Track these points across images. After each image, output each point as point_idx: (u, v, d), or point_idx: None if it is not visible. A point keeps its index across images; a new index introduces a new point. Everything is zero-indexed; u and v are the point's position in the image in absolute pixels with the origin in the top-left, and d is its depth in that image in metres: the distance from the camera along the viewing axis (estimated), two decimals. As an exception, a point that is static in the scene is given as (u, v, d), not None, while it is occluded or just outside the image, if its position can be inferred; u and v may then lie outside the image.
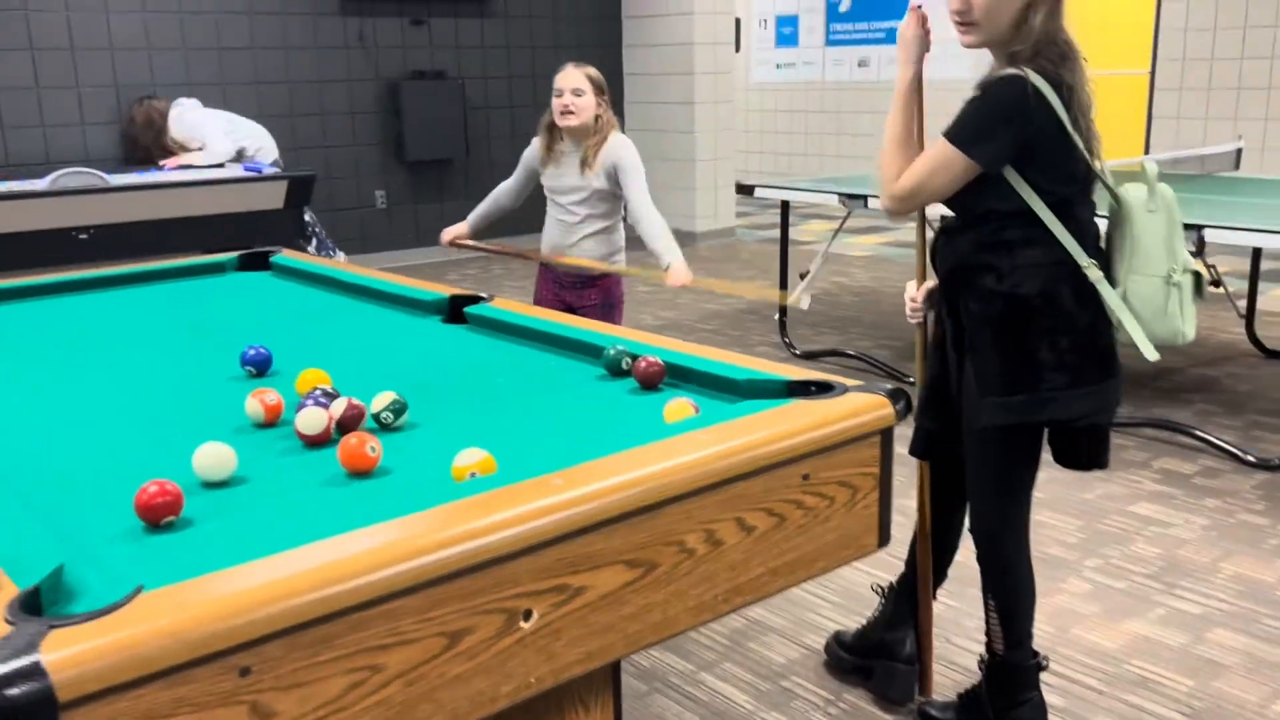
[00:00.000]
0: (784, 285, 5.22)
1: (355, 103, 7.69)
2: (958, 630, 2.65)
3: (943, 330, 2.16)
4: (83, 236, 5.31)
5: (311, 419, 1.69)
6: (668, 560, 1.49)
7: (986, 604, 2.21)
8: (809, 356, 5.16)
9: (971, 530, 2.21)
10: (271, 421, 1.80)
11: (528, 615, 1.35)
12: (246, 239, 4.93)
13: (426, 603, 1.25)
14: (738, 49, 8.90)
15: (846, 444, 1.67)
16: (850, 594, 2.81)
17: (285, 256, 3.22)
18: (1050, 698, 2.38)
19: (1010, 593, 2.17)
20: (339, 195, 7.70)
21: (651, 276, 3.36)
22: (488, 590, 1.30)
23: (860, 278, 7.00)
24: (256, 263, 3.23)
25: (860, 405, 1.69)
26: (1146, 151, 8.69)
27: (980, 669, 2.26)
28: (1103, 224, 2.07)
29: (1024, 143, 1.93)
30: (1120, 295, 1.97)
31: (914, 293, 2.22)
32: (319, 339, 2.41)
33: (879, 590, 2.50)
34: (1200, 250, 3.73)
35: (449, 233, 3.74)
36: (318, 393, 1.80)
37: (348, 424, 1.73)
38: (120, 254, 4.97)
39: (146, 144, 6.21)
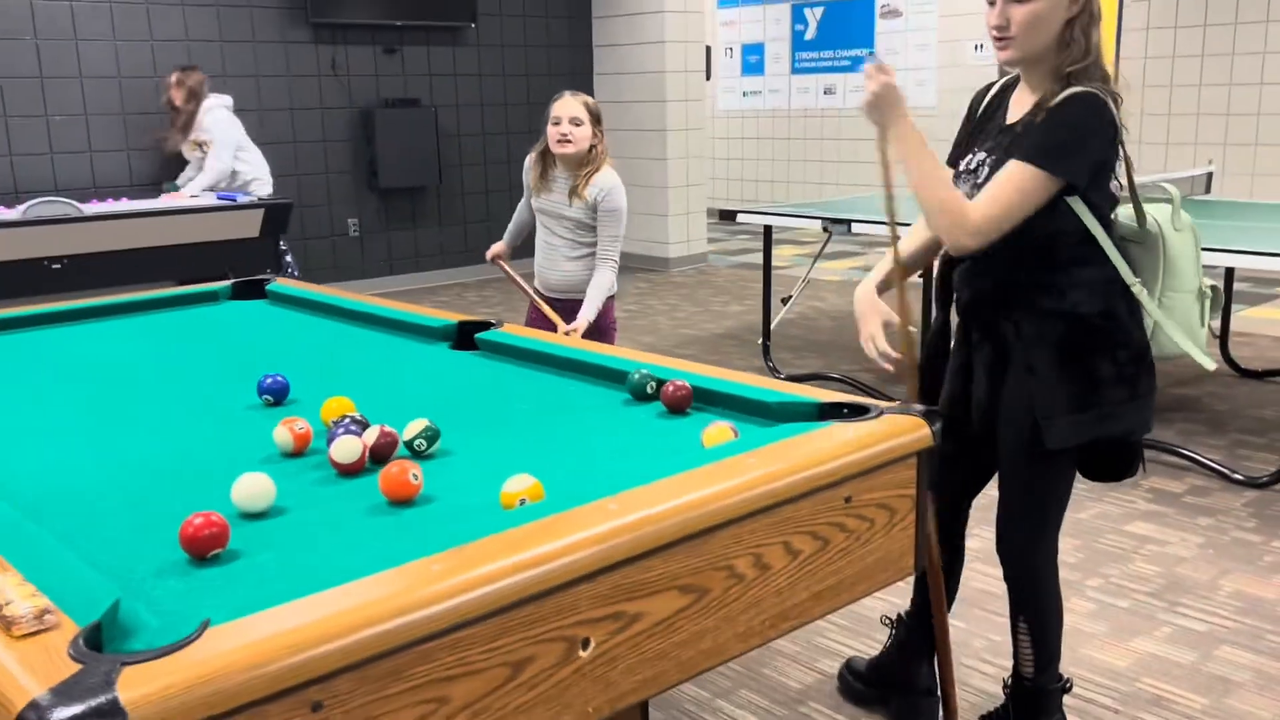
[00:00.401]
0: (767, 310, 5.23)
1: (328, 131, 7.65)
2: (967, 651, 2.66)
3: (966, 355, 2.16)
4: (56, 266, 5.22)
5: (346, 448, 1.66)
6: (718, 585, 1.48)
7: (1017, 627, 2.20)
8: (793, 380, 5.17)
9: (1002, 551, 2.20)
10: (300, 450, 1.77)
11: (586, 644, 1.33)
12: (222, 268, 4.88)
13: (493, 631, 1.23)
14: (708, 77, 8.96)
15: (886, 465, 1.67)
16: (859, 619, 2.81)
17: (281, 284, 3.19)
18: (1069, 716, 2.39)
19: (1043, 613, 2.18)
20: (311, 223, 7.63)
21: (549, 314, 3.39)
22: (550, 618, 1.29)
23: (835, 302, 7.04)
24: (251, 291, 3.19)
25: (900, 427, 1.69)
26: (1109, 177, 8.85)
27: (1005, 693, 2.26)
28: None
29: (1099, 161, 1.94)
30: (1165, 314, 2.02)
31: (882, 345, 2.12)
32: (330, 367, 2.38)
33: (888, 621, 2.49)
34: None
35: (494, 250, 3.76)
36: (347, 421, 1.78)
37: (381, 452, 1.71)
38: (94, 284, 4.90)
39: (186, 115, 6.17)
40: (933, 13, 9.90)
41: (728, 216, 5.24)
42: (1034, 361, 2.03)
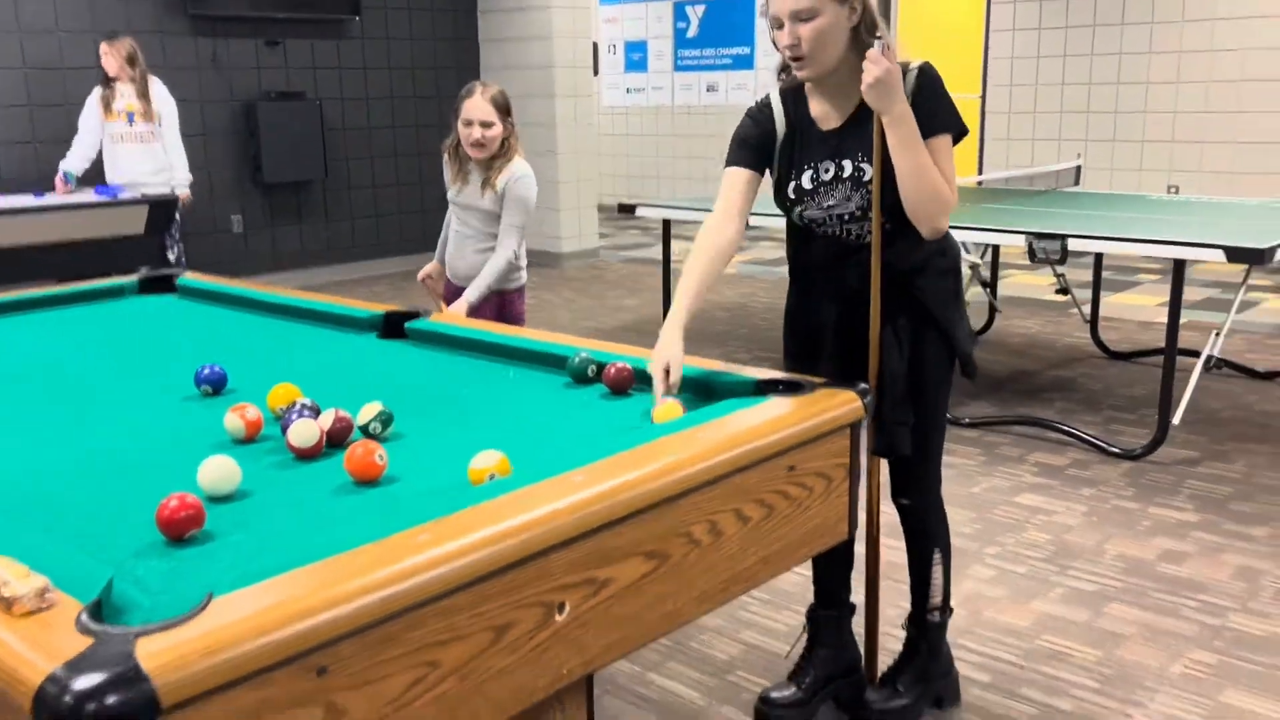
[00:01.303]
0: (667, 303, 5.33)
1: (209, 124, 7.46)
2: (881, 621, 2.80)
3: (890, 326, 2.23)
4: (-71, 265, 4.99)
5: (305, 432, 1.69)
6: (678, 551, 1.56)
7: (931, 561, 2.35)
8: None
9: (914, 491, 2.34)
10: (252, 437, 1.79)
11: (561, 608, 1.40)
12: (105, 266, 4.74)
13: (477, 598, 1.29)
14: (596, 72, 9.04)
15: (824, 436, 1.78)
16: (778, 592, 2.93)
17: (190, 278, 3.14)
18: (976, 674, 2.56)
19: (949, 543, 2.38)
20: (192, 219, 7.42)
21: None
22: (529, 584, 1.35)
23: (729, 295, 7.20)
24: (158, 286, 3.14)
25: (834, 401, 1.80)
26: (980, 171, 9.25)
27: (916, 635, 2.39)
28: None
29: None
30: None
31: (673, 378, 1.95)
32: (259, 358, 2.38)
33: (805, 628, 2.49)
34: (1063, 258, 4.05)
35: (425, 271, 3.71)
36: (298, 406, 1.80)
37: (337, 436, 1.74)
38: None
39: (131, 76, 5.87)
40: (811, 12, 10.17)
41: (627, 210, 5.32)
42: (935, 313, 2.21)
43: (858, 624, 2.47)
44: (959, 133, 2.11)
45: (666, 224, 5.30)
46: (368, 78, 8.25)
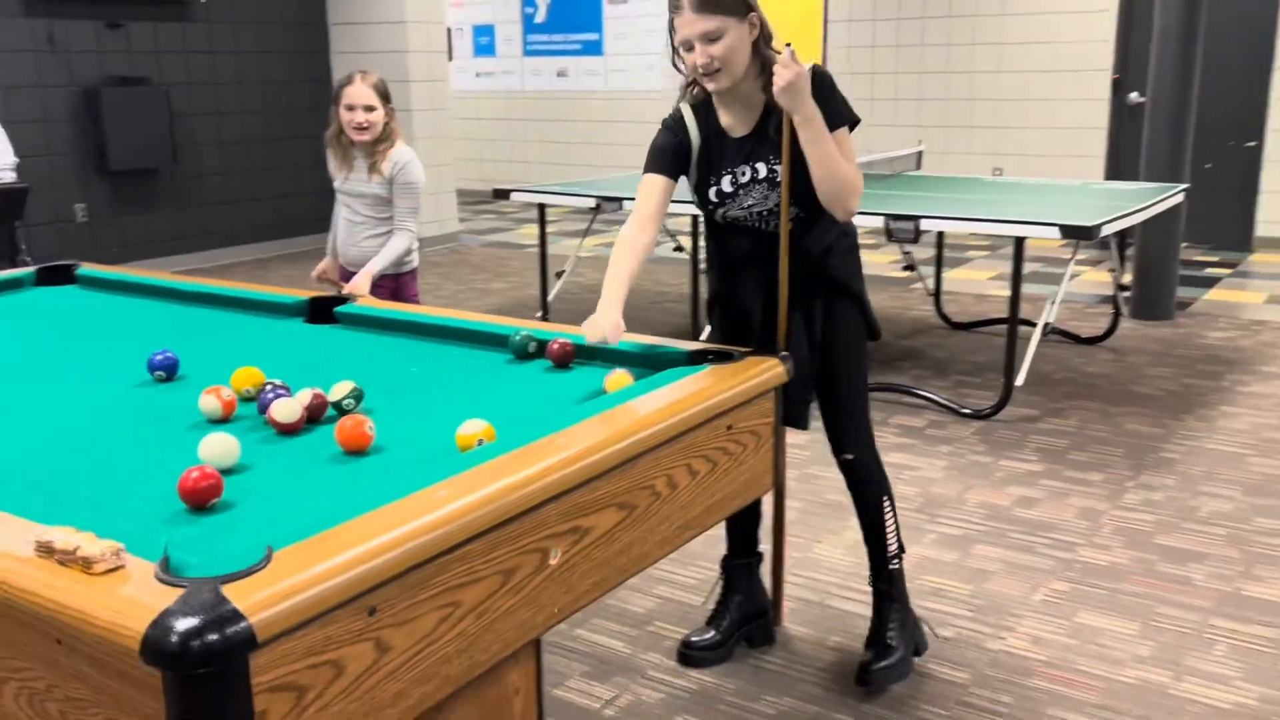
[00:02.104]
0: (544, 284, 5.50)
1: (48, 110, 7.17)
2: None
3: (803, 316, 2.45)
4: None
5: (287, 408, 1.81)
6: (643, 502, 1.76)
7: (884, 510, 2.57)
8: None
9: (854, 449, 2.55)
10: (228, 417, 1.89)
11: (554, 554, 1.58)
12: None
13: (489, 545, 1.46)
14: (450, 57, 9.06)
15: (755, 399, 2.01)
16: (684, 549, 3.16)
17: (90, 269, 3.14)
18: (868, 611, 2.85)
19: (892, 491, 2.59)
20: (32, 209, 7.12)
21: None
22: (529, 532, 1.53)
23: (593, 277, 7.40)
24: (56, 277, 3.13)
25: (764, 366, 2.03)
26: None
27: (886, 588, 2.58)
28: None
29: None
30: None
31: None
32: (198, 345, 2.44)
33: (720, 577, 2.73)
34: (916, 238, 4.41)
35: (321, 268, 3.75)
36: (269, 387, 1.91)
37: (315, 412, 1.86)
38: None
39: None
40: None
41: (501, 195, 5.45)
42: (850, 286, 2.47)
43: (765, 572, 2.72)
44: (854, 122, 2.36)
45: (542, 209, 5.46)
46: (215, 62, 8.06)
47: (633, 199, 5.03)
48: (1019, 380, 4.40)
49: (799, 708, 2.43)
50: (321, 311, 2.64)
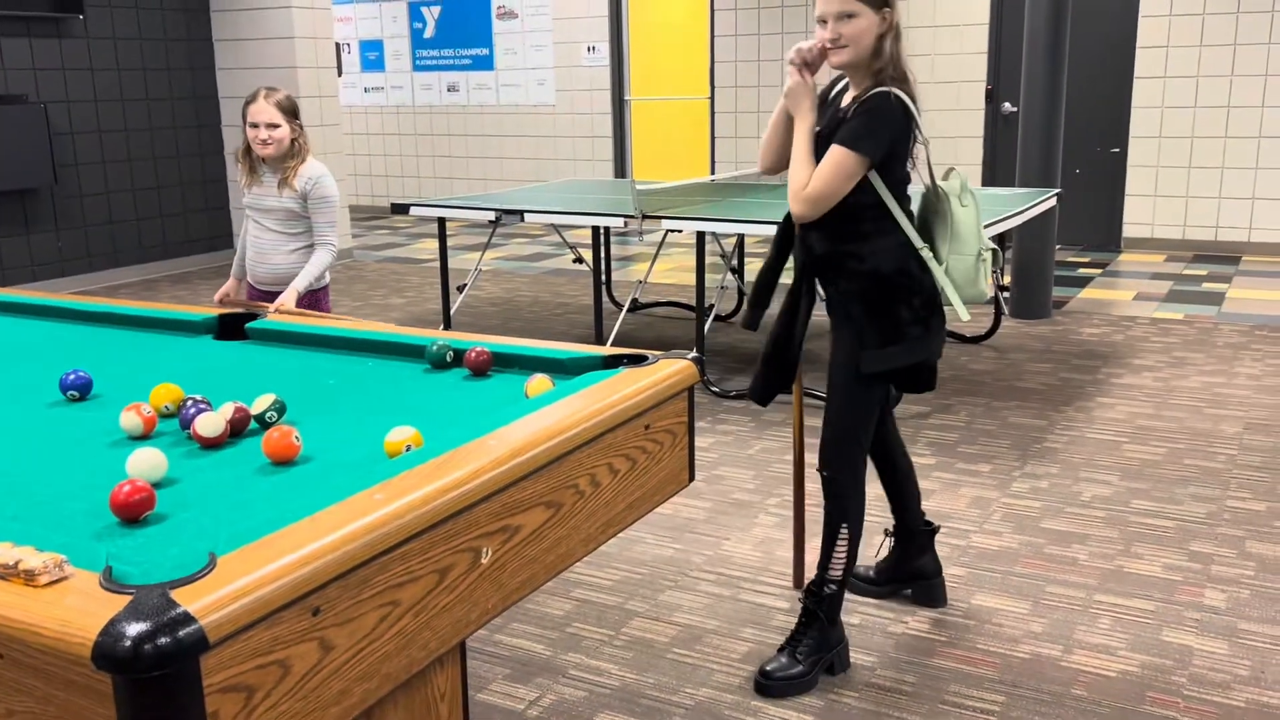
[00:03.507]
0: (446, 298, 5.51)
1: (-83, 129, 6.90)
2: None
3: (794, 301, 2.64)
4: None
5: (211, 423, 1.82)
6: (569, 501, 1.83)
7: (836, 537, 2.62)
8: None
9: (829, 465, 2.65)
10: (148, 433, 1.89)
11: (486, 553, 1.63)
12: None
13: (426, 545, 1.51)
14: (339, 73, 8.98)
15: (670, 399, 2.09)
16: (596, 552, 3.23)
17: (-17, 291, 3.06)
18: (779, 603, 2.96)
19: (860, 517, 2.66)
20: (-97, 232, 6.87)
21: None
22: (462, 532, 1.58)
23: (493, 291, 7.43)
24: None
25: (678, 369, 2.12)
26: (713, 169, 9.92)
27: (813, 605, 2.62)
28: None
29: (890, 147, 2.46)
30: (944, 270, 2.55)
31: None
32: (107, 365, 2.42)
33: (889, 533, 2.98)
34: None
35: (222, 292, 3.72)
36: (189, 402, 1.92)
37: (239, 425, 1.88)
38: None
39: None
40: (547, 15, 10.52)
41: (400, 210, 5.44)
42: (850, 310, 2.57)
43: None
44: (855, 151, 2.42)
45: (441, 223, 5.47)
46: (95, 79, 7.86)
47: (533, 211, 5.10)
48: (911, 379, 4.59)
49: (717, 698, 2.52)
50: (231, 328, 2.64)
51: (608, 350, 2.25)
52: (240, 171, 3.60)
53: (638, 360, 2.17)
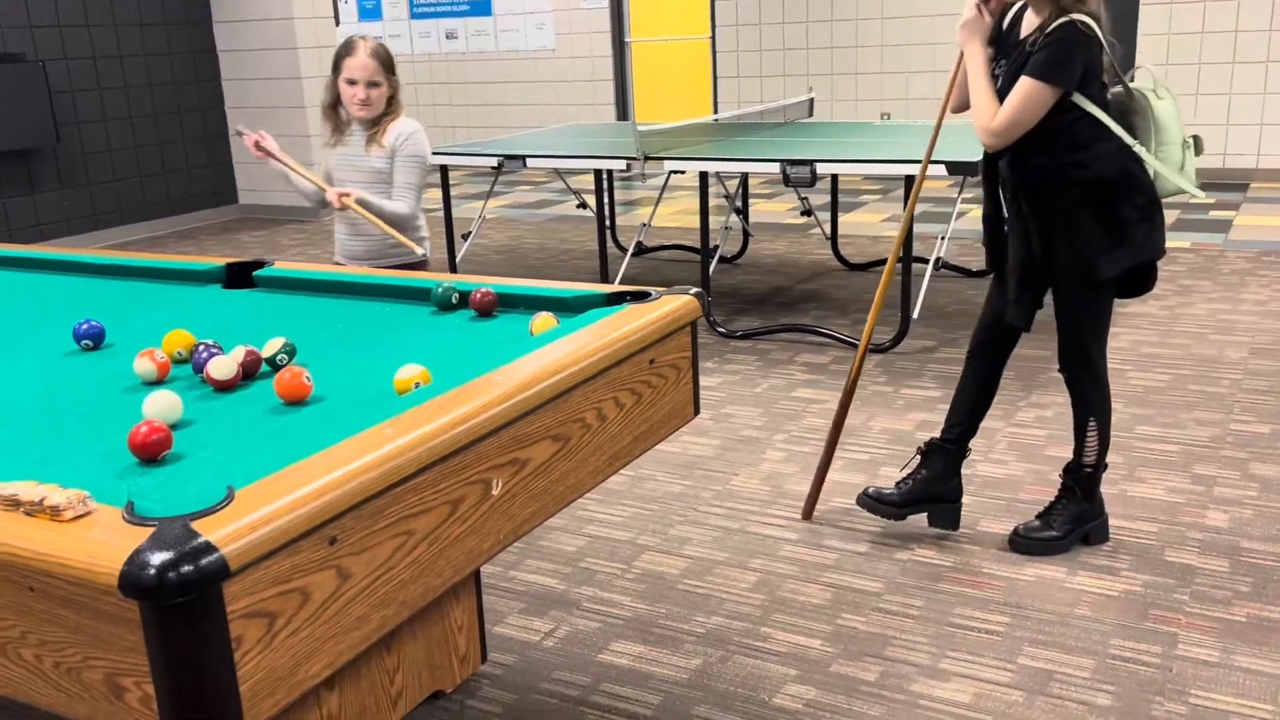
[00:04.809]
0: (451, 247, 5.53)
1: (-83, 90, 6.90)
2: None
3: (1024, 225, 2.73)
4: None
5: (224, 366, 1.86)
6: (575, 434, 1.86)
7: (1086, 428, 2.81)
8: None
9: (1070, 368, 2.80)
10: (163, 378, 1.93)
11: (496, 485, 1.68)
12: None
13: (437, 477, 1.55)
14: (337, 23, 8.92)
15: (674, 333, 2.12)
16: (607, 490, 3.28)
17: (-8, 248, 3.10)
18: (786, 534, 3.01)
19: (1105, 409, 2.82)
20: (-92, 195, 6.90)
21: (314, 181, 3.28)
22: (472, 465, 1.62)
23: (496, 238, 7.43)
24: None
25: (681, 303, 2.14)
26: (715, 109, 9.85)
27: (1072, 482, 2.85)
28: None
29: (1085, 68, 2.55)
30: (1161, 162, 2.65)
31: None
32: (119, 315, 2.45)
33: (921, 449, 3.01)
34: (813, 181, 4.57)
35: (254, 136, 3.39)
36: (200, 347, 1.96)
37: (250, 368, 1.92)
38: None
39: None
40: (545, -42, 10.40)
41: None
42: (1076, 219, 2.65)
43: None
44: (1046, 83, 2.55)
45: (444, 171, 5.47)
46: (92, 35, 7.82)
47: (536, 156, 5.09)
48: (915, 314, 4.61)
49: (726, 625, 2.58)
50: (239, 276, 2.67)
51: (611, 288, 2.27)
52: (324, 127, 3.36)
53: (640, 297, 2.20)
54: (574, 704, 2.31)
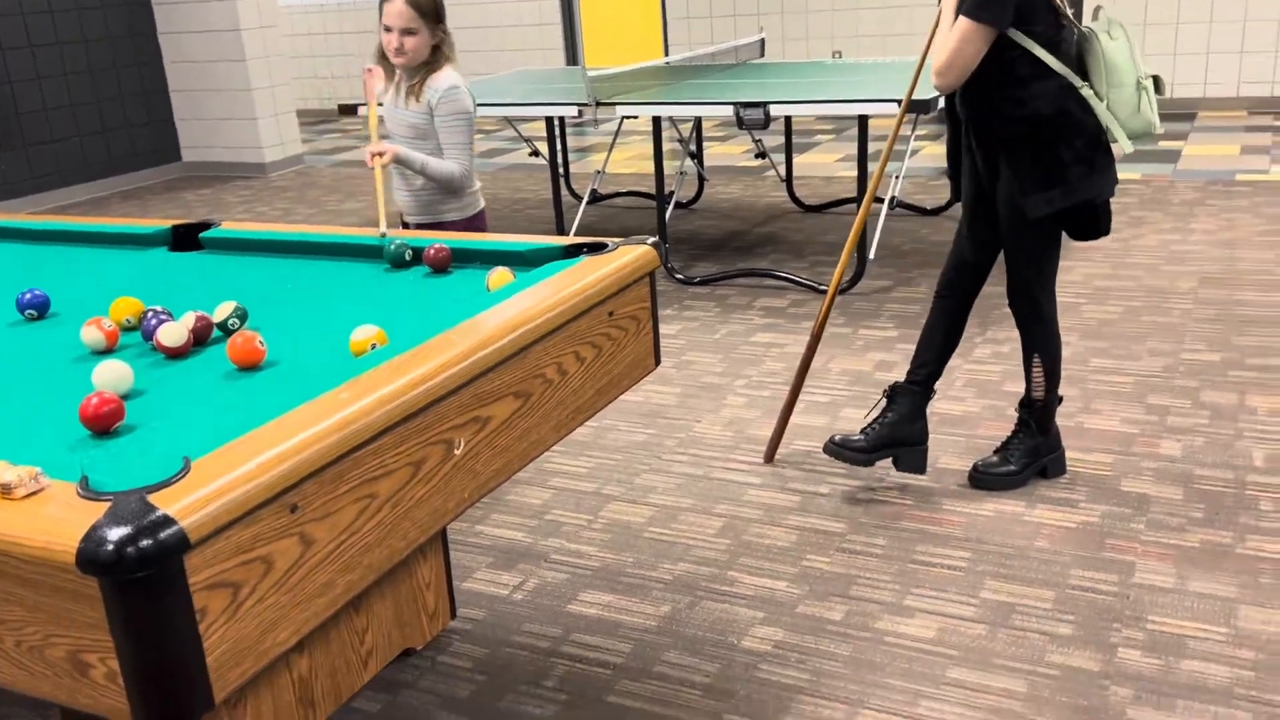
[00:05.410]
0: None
1: None
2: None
3: (970, 160, 2.79)
4: None
5: (174, 332, 1.82)
6: (537, 390, 1.85)
7: (1030, 362, 2.84)
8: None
9: (1013, 303, 2.83)
10: (111, 347, 1.89)
11: (458, 444, 1.66)
12: None
13: (398, 439, 1.53)
14: (275, -28, 8.67)
15: (632, 284, 2.10)
16: (571, 442, 3.28)
17: (-73, 216, 3.00)
18: (750, 479, 3.03)
19: (1051, 345, 2.84)
20: None
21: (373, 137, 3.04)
22: (433, 425, 1.60)
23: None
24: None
25: (639, 254, 2.13)
26: (666, 52, 9.74)
27: (1026, 416, 2.88)
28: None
29: (1022, 3, 2.53)
30: (1105, 106, 2.61)
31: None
32: (63, 283, 2.40)
33: (886, 393, 3.00)
34: (767, 123, 4.54)
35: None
36: (149, 314, 1.92)
37: (201, 334, 1.88)
38: None
39: None
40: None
41: (348, 110, 5.33)
42: (1012, 156, 2.65)
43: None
44: (976, 20, 2.53)
45: (391, 122, 5.35)
46: (16, -4, 7.56)
47: (485, 104, 5.00)
48: (871, 254, 4.62)
49: (694, 570, 2.60)
50: (186, 239, 2.61)
51: (567, 240, 2.25)
52: (380, 79, 3.15)
53: (597, 248, 2.18)
54: (545, 655, 2.33)
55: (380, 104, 3.13)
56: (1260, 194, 5.69)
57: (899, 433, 2.94)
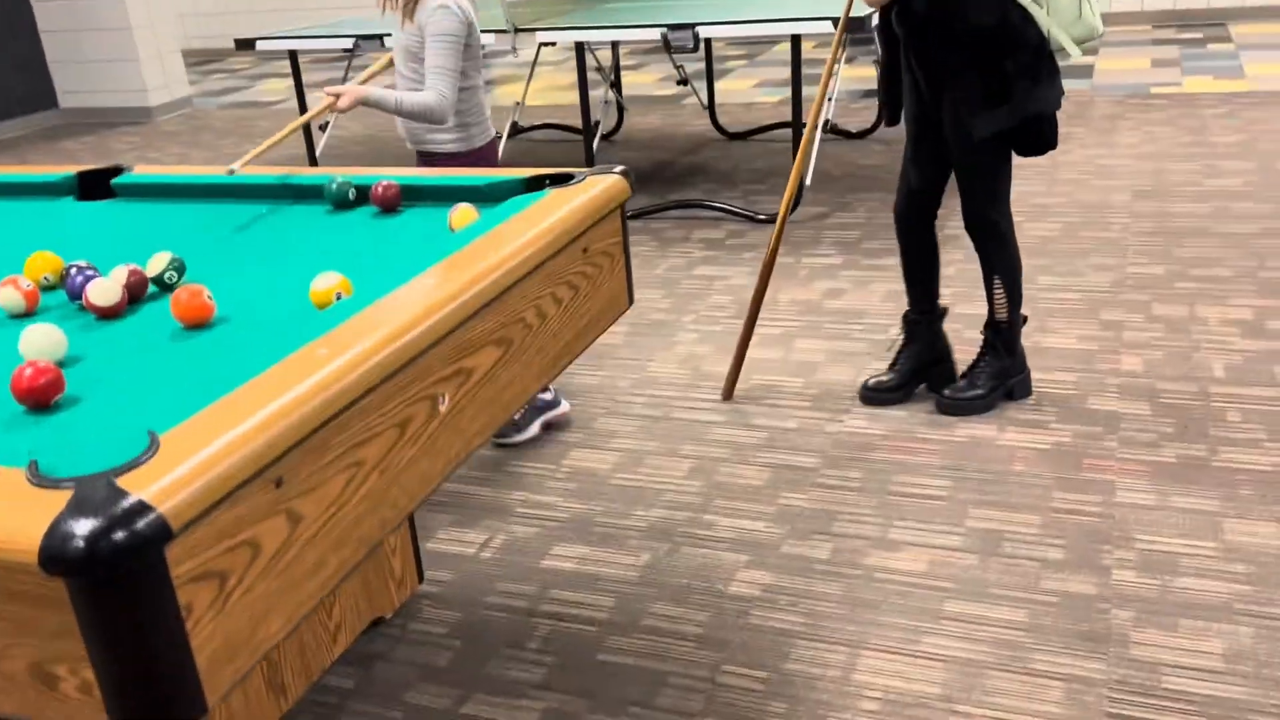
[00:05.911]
0: (310, 140, 5.16)
1: None
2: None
3: (911, 78, 2.66)
4: None
5: (105, 290, 1.62)
6: (518, 336, 1.70)
7: (992, 283, 2.78)
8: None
9: (969, 225, 2.74)
10: (32, 309, 1.68)
11: (443, 400, 1.51)
12: None
13: (383, 399, 1.38)
14: (150, -99, 8.12)
15: (605, 218, 1.96)
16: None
17: None
18: (712, 417, 2.93)
19: (1011, 264, 2.77)
20: None
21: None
22: (416, 381, 1.45)
23: (353, 128, 7.01)
24: None
25: (610, 183, 1.97)
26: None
27: (992, 338, 2.83)
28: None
29: None
30: (1045, 12, 2.50)
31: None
32: (-43, 239, 2.15)
33: (903, 329, 2.96)
34: (695, 46, 4.37)
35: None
36: (73, 270, 1.71)
37: (135, 290, 1.68)
38: None
39: None
40: None
41: (245, 45, 5.01)
42: (957, 75, 2.54)
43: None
44: None
45: (294, 56, 5.05)
46: None
47: (390, 35, 4.71)
48: (808, 180, 4.52)
49: (670, 516, 2.50)
50: (95, 186, 2.37)
51: (528, 171, 2.08)
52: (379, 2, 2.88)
53: (562, 180, 2.02)
54: (524, 615, 2.20)
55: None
56: (1175, 106, 5.74)
57: (925, 357, 2.95)
